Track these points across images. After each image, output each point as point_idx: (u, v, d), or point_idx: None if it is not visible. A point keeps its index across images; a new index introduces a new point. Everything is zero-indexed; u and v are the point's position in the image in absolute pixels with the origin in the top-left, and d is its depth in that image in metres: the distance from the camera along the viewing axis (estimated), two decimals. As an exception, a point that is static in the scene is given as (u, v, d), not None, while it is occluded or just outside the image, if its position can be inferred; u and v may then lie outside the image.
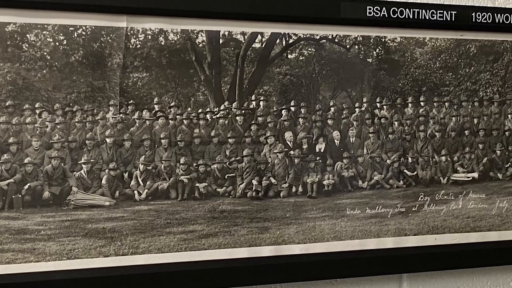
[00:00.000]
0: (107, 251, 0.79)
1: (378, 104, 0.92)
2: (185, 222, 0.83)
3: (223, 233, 0.85)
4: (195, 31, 0.83)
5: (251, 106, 0.86)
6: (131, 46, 0.81)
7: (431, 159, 0.95)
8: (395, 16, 0.90)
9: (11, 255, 0.76)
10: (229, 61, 0.85)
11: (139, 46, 0.82)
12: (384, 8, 0.91)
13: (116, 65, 0.81)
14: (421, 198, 0.94)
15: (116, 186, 0.80)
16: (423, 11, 0.93)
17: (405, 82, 0.93)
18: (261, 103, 0.86)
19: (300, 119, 0.88)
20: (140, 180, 0.82)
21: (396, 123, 0.93)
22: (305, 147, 0.89)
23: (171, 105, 0.83)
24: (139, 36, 0.83)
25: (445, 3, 0.95)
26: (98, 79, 0.81)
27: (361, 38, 0.90)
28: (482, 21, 0.94)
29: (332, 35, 0.89)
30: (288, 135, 0.88)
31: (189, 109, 0.84)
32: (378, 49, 0.92)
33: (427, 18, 0.92)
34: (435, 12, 0.94)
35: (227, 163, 0.85)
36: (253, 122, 0.86)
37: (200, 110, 0.84)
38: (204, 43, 0.83)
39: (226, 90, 0.85)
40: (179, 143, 0.83)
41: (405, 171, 0.94)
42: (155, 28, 0.82)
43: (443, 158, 0.95)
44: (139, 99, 0.82)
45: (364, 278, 0.93)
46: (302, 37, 0.88)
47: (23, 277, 0.76)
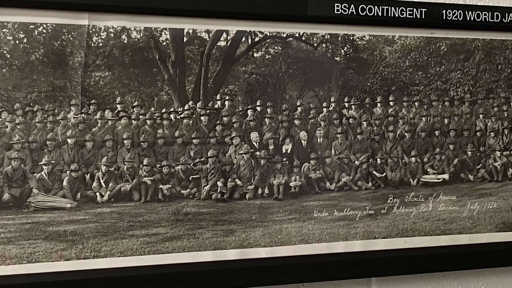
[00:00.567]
0: (68, 254, 1.05)
1: (346, 104, 1.22)
2: (148, 224, 1.10)
3: (187, 236, 1.12)
4: (158, 29, 1.10)
5: (216, 106, 1.14)
6: (93, 45, 1.07)
7: (400, 160, 1.26)
8: (364, 13, 1.19)
9: (-32, 259, 1.02)
10: (194, 60, 1.13)
11: (101, 44, 1.08)
12: (352, 6, 1.20)
13: (78, 64, 1.07)
14: (390, 200, 1.25)
15: (78, 188, 1.06)
16: (393, 8, 1.23)
17: (374, 81, 1.24)
18: (226, 102, 1.15)
19: (266, 119, 1.17)
20: (102, 181, 1.09)
21: (364, 123, 1.23)
22: (271, 148, 1.18)
23: (134, 104, 1.09)
24: (101, 34, 1.09)
25: (415, 0, 1.24)
26: (59, 78, 1.07)
27: (328, 36, 1.20)
28: (453, 18, 1.25)
29: (299, 33, 1.18)
30: (254, 135, 1.17)
31: (152, 109, 1.11)
32: (346, 48, 1.22)
33: (397, 15, 1.21)
34: (404, 10, 1.25)
35: (191, 164, 1.13)
36: (218, 122, 1.14)
37: (163, 110, 1.11)
38: (168, 41, 1.10)
39: (190, 90, 1.13)
40: (142, 143, 1.10)
41: (374, 172, 1.25)
42: (118, 26, 1.08)
43: (413, 159, 1.27)
44: (101, 98, 1.09)
45: (332, 282, 1.22)
46: (268, 35, 1.16)
47: (-19, 282, 1.03)
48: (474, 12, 1.26)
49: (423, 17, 1.22)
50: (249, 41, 1.15)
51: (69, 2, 1.04)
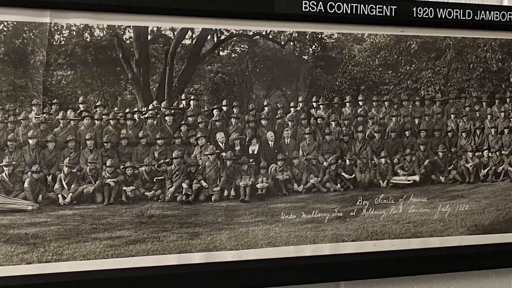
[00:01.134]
0: (30, 258, 1.38)
1: (314, 104, 1.58)
2: (111, 227, 1.44)
3: (151, 239, 1.47)
4: (122, 27, 1.44)
5: (181, 106, 1.49)
6: (55, 43, 1.40)
7: (370, 161, 1.64)
8: (332, 11, 1.56)
9: None
10: (158, 59, 1.47)
11: (63, 42, 1.42)
12: (320, 3, 1.55)
13: (39, 63, 1.40)
14: (360, 202, 1.64)
15: (39, 190, 1.39)
16: (362, 6, 1.59)
17: (343, 80, 1.61)
18: (191, 102, 1.50)
19: (232, 119, 1.52)
20: (64, 183, 1.42)
21: (333, 123, 1.60)
22: (237, 148, 1.54)
23: (97, 104, 1.42)
24: (63, 32, 1.44)
25: (384, -3, 1.61)
26: (20, 77, 1.41)
27: (296, 34, 1.57)
28: (424, 16, 1.63)
29: (266, 31, 1.54)
30: (220, 136, 1.53)
31: (115, 108, 1.44)
32: (314, 46, 1.59)
33: (366, 13, 1.58)
34: (374, 7, 1.62)
35: (155, 166, 1.47)
36: (183, 122, 1.48)
37: (127, 110, 1.44)
38: (131, 39, 1.44)
39: (154, 89, 1.47)
40: (105, 144, 1.43)
41: (343, 174, 1.62)
42: (80, 23, 1.41)
43: (383, 160, 1.65)
44: (64, 98, 1.42)
45: (300, 286, 1.57)
46: (234, 33, 1.52)
47: None
48: (445, 10, 1.64)
49: (393, 14, 1.60)
50: (215, 39, 1.51)
51: (30, -1, 1.41)
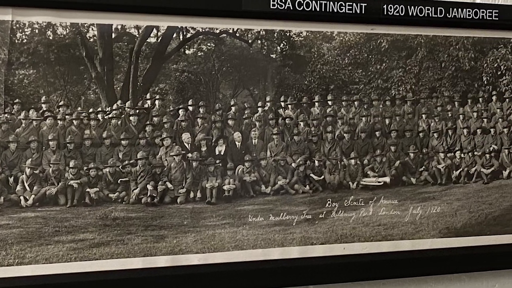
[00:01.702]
0: None
1: (282, 103, 1.79)
2: (74, 230, 1.63)
3: (115, 242, 1.66)
4: (85, 25, 1.62)
5: (146, 106, 1.68)
6: (16, 41, 1.57)
7: (339, 162, 1.86)
8: (301, 8, 1.75)
9: None
10: (122, 57, 1.66)
11: (25, 40, 1.58)
12: (288, 0, 1.73)
13: (1, 61, 1.55)
14: (329, 204, 1.85)
15: (1, 192, 1.55)
16: (331, 3, 1.78)
17: (312, 79, 1.82)
18: (156, 102, 1.69)
19: (198, 119, 1.73)
20: (26, 185, 1.60)
21: (301, 123, 1.82)
22: (204, 149, 1.74)
23: (60, 104, 1.61)
24: (26, 30, 1.60)
25: (354, -5, 1.81)
26: (-18, 77, 1.63)
27: (264, 32, 1.77)
28: (394, 14, 1.84)
29: (233, 29, 1.74)
30: (186, 136, 1.73)
31: (79, 108, 1.63)
32: (282, 44, 1.79)
33: (335, 10, 1.78)
34: (343, 4, 1.81)
35: (120, 167, 1.66)
36: (148, 122, 1.68)
37: (91, 110, 1.63)
38: (95, 37, 1.62)
39: (119, 88, 1.66)
40: (68, 145, 1.62)
41: (312, 175, 1.84)
42: (43, 21, 1.59)
43: (352, 162, 1.87)
44: (26, 97, 1.59)
45: None
46: (200, 31, 1.71)
47: None
48: (416, 7, 1.86)
49: (363, 12, 1.81)
50: (181, 37, 1.71)
51: (-9, -4, 1.60)
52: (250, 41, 1.79)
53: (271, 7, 1.76)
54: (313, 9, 1.80)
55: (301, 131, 1.86)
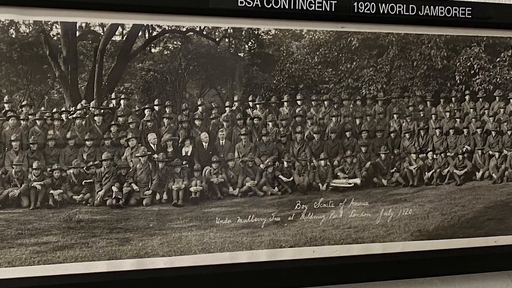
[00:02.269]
0: None
1: (250, 103, 1.97)
2: (38, 233, 1.78)
3: (80, 245, 1.82)
4: (49, 23, 1.77)
5: (111, 105, 1.85)
6: None
7: (308, 163, 2.05)
8: (269, 6, 1.92)
9: None
10: (87, 56, 1.82)
11: None
12: None
13: None
14: (298, 206, 2.03)
15: None
16: (300, 0, 1.94)
17: (280, 78, 2.00)
18: (121, 101, 1.86)
19: (164, 119, 1.90)
20: None
21: (270, 123, 2.00)
22: (170, 150, 1.91)
23: (23, 104, 1.77)
24: None
25: (324, -8, 1.98)
26: None
27: (231, 30, 1.94)
28: (365, 11, 2.02)
29: (200, 27, 1.91)
30: (152, 137, 1.90)
31: (42, 108, 1.79)
32: (250, 43, 1.96)
33: (304, 8, 1.95)
34: (313, 2, 1.96)
35: (84, 168, 1.83)
36: (113, 122, 1.85)
37: (54, 110, 1.79)
38: (59, 35, 1.78)
39: (83, 88, 1.82)
40: (31, 146, 1.78)
41: (280, 176, 2.02)
42: (5, 19, 1.73)
43: (322, 163, 2.06)
44: None
45: None
46: (167, 29, 1.88)
47: None
48: (387, 5, 2.05)
49: (333, 9, 1.99)
50: (146, 35, 1.87)
51: (-47, -7, 1.78)
52: (217, 39, 1.97)
53: (239, 4, 1.93)
54: (282, 7, 1.97)
55: (270, 131, 2.05)
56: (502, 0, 2.20)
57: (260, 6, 1.94)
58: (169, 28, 1.93)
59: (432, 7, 2.11)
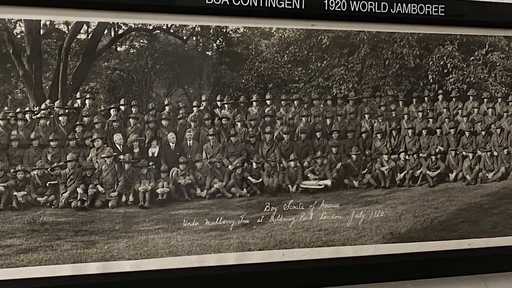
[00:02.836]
0: None
1: (218, 103, 2.10)
2: (1, 235, 1.88)
3: (44, 247, 1.93)
4: (12, 21, 1.89)
5: (76, 105, 1.97)
6: None
7: (278, 164, 2.18)
8: (238, 3, 2.04)
9: None
10: (51, 54, 1.94)
11: None
12: None
13: None
14: (267, 208, 2.16)
15: None
16: None
17: (249, 78, 2.13)
18: (87, 101, 1.98)
19: (130, 119, 2.02)
20: None
21: (239, 124, 2.13)
22: (136, 151, 2.04)
23: None
24: None
25: (294, -11, 2.10)
26: None
27: (199, 28, 2.07)
28: (336, 9, 2.15)
29: (167, 25, 2.04)
30: (118, 137, 2.02)
31: (5, 108, 1.90)
32: (218, 41, 2.09)
33: (274, 5, 2.08)
34: (282, 0, 2.22)
35: (48, 169, 1.95)
36: (78, 123, 1.97)
37: (18, 110, 1.91)
38: (22, 34, 1.90)
39: (47, 87, 1.93)
40: None
41: (249, 178, 2.15)
42: None
43: (292, 164, 2.19)
44: None
45: None
46: (133, 27, 2.00)
47: None
48: (359, 2, 2.18)
49: (303, 7, 2.12)
50: (112, 33, 2.00)
51: None
52: (184, 37, 2.11)
53: (206, 2, 2.04)
54: (250, 4, 2.09)
55: (238, 131, 2.19)
56: (475, -2, 2.28)
57: (228, 3, 2.05)
58: (135, 26, 2.05)
59: (404, 4, 2.22)
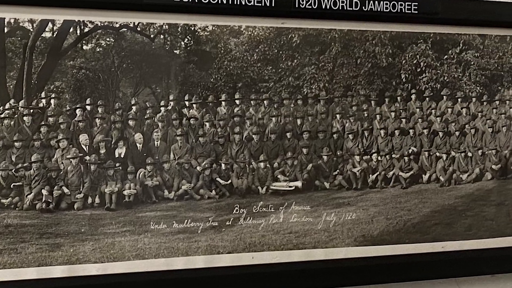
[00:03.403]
0: None
1: (186, 103, 2.22)
2: None
3: (8, 250, 2.04)
4: None
5: (41, 105, 2.08)
6: None
7: (247, 165, 2.31)
8: (206, 1, 2.15)
9: None
10: (16, 53, 2.05)
11: None
12: None
13: None
14: (236, 210, 2.28)
15: None
16: None
17: (218, 77, 2.25)
18: (52, 101, 2.09)
19: (97, 119, 2.14)
20: None
21: (207, 124, 2.26)
22: (102, 151, 2.15)
23: None
24: None
25: (264, -14, 2.20)
26: None
27: (167, 26, 2.19)
28: (306, 6, 2.26)
29: (134, 23, 2.15)
30: (83, 138, 2.14)
31: None
32: (186, 39, 2.21)
33: (243, 3, 2.19)
34: None
35: (13, 170, 2.06)
36: (43, 123, 2.08)
37: None
38: None
39: (12, 86, 2.05)
40: None
41: (218, 179, 2.27)
42: None
43: (262, 165, 2.32)
44: None
45: None
46: (99, 25, 2.12)
47: None
48: (329, 0, 2.31)
49: (273, 5, 2.24)
50: (78, 32, 2.12)
51: None
52: (152, 36, 2.23)
53: None
54: (219, 2, 2.20)
55: (207, 132, 2.32)
56: (448, -4, 2.39)
57: (197, 1, 2.14)
58: (102, 24, 2.17)
59: (376, 2, 2.33)
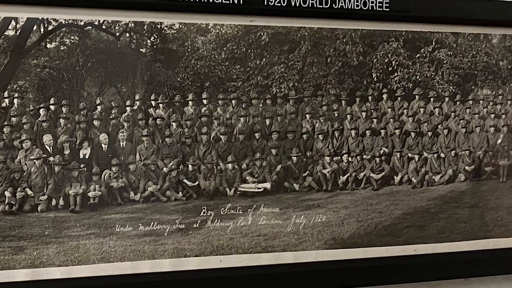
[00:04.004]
0: None
1: (153, 102, 2.36)
2: None
3: None
4: None
5: (4, 105, 2.20)
6: None
7: (215, 166, 2.45)
8: None
9: None
10: None
11: None
12: None
13: None
14: (204, 212, 2.42)
15: None
16: None
17: (185, 76, 2.38)
18: (15, 100, 2.21)
19: (61, 119, 2.26)
20: None
21: (174, 124, 2.39)
22: (67, 152, 2.28)
23: None
24: None
25: (232, -17, 2.32)
26: None
27: (133, 24, 2.32)
28: (275, 4, 2.39)
29: (99, 20, 2.28)
30: (47, 138, 2.26)
31: None
32: (153, 38, 2.34)
33: (211, 1, 2.32)
34: None
35: None
36: (5, 123, 2.21)
37: None
38: None
39: None
40: None
41: (185, 181, 2.41)
42: None
43: (230, 166, 2.46)
44: None
45: None
46: (63, 23, 2.25)
47: None
48: None
49: (241, 2, 2.36)
50: (42, 30, 2.24)
51: None
52: (117, 34, 2.36)
53: None
54: None
55: (174, 132, 2.46)
56: (420, -7, 2.51)
57: None
58: (66, 22, 2.30)
59: None
